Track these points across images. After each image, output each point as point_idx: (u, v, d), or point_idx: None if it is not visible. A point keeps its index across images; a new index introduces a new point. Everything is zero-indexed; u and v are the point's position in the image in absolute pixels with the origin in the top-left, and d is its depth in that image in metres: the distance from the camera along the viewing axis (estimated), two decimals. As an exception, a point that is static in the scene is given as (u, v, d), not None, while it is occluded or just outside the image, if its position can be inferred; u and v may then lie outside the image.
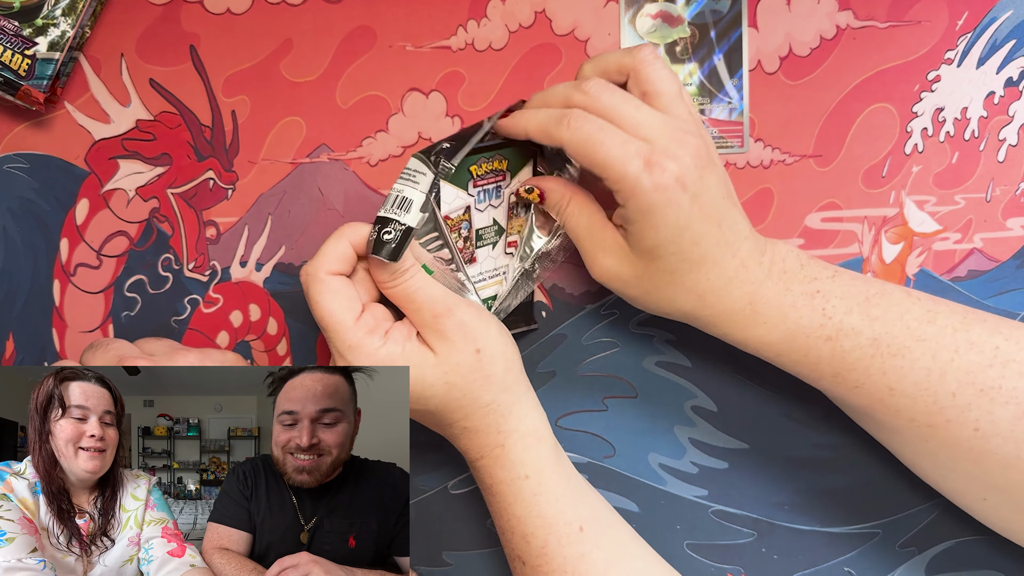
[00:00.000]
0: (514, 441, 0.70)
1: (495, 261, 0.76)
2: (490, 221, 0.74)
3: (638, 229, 0.66)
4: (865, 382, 0.67)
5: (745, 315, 0.69)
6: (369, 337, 0.66)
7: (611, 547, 0.70)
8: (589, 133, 0.66)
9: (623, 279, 0.70)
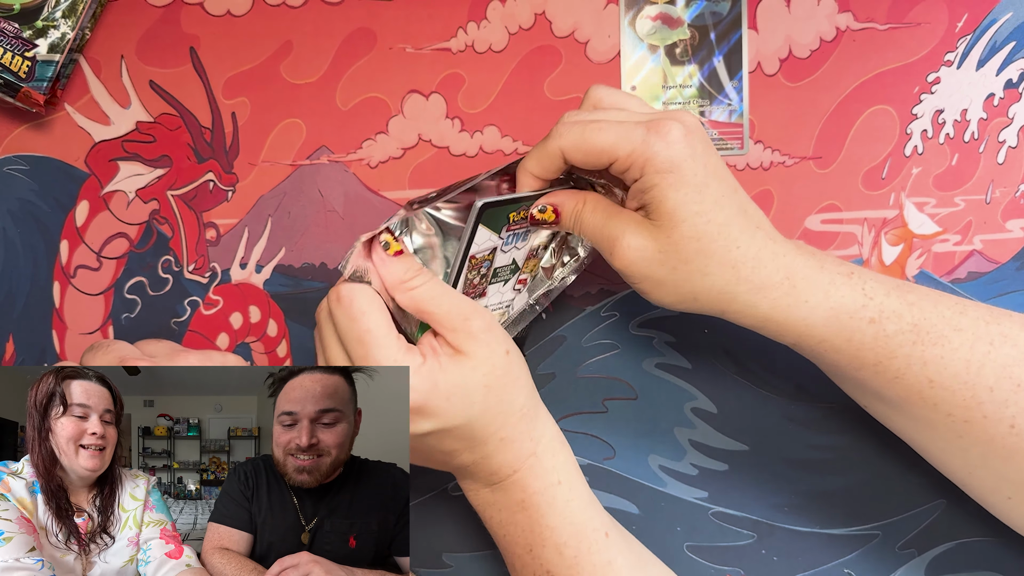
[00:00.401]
0: (544, 447, 0.68)
1: (501, 296, 0.75)
2: (509, 261, 0.73)
3: (658, 192, 0.64)
4: (906, 372, 0.65)
5: (784, 291, 0.66)
6: (409, 355, 0.64)
7: (630, 553, 0.69)
8: (582, 126, 0.66)
9: (649, 257, 0.66)
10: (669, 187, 0.64)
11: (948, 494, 0.80)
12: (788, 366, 0.81)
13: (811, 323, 0.66)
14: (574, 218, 0.70)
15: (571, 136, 0.66)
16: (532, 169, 0.69)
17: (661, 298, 0.68)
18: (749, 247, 0.66)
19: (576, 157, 0.66)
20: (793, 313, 0.66)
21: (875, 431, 0.79)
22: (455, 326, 0.65)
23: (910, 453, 0.74)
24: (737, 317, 0.68)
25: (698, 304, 0.67)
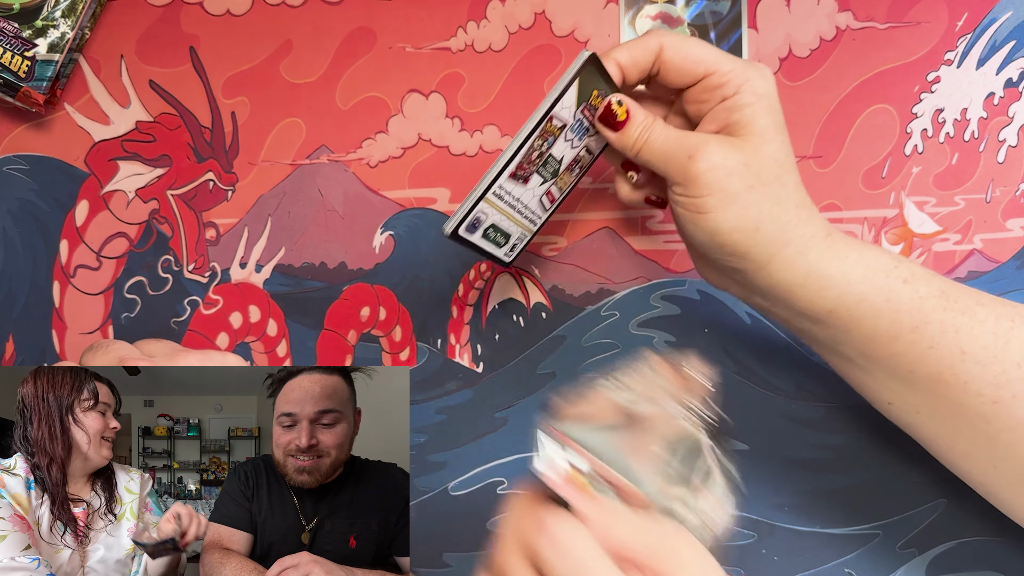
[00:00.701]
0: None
1: (533, 199, 0.71)
2: (560, 156, 0.70)
3: (752, 111, 0.65)
4: (940, 340, 0.64)
5: (827, 244, 0.65)
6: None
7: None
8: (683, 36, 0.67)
9: (731, 168, 0.63)
10: (763, 109, 0.65)
11: (949, 493, 0.80)
12: (788, 366, 0.81)
13: (852, 279, 0.65)
14: (643, 127, 0.67)
15: (674, 37, 0.66)
16: (621, 58, 0.67)
17: (724, 218, 0.64)
18: (805, 194, 0.66)
19: (674, 58, 0.66)
20: (835, 266, 0.65)
21: (876, 431, 0.79)
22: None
23: (911, 452, 0.74)
24: (783, 266, 0.65)
25: (756, 236, 0.65)
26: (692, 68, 0.66)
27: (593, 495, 0.55)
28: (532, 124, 0.64)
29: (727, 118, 0.65)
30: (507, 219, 0.69)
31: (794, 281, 0.65)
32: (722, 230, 0.64)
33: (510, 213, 0.69)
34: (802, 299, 0.65)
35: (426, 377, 0.81)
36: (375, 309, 0.81)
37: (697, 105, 0.67)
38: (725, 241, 0.65)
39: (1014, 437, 0.65)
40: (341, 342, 0.81)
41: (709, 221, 0.64)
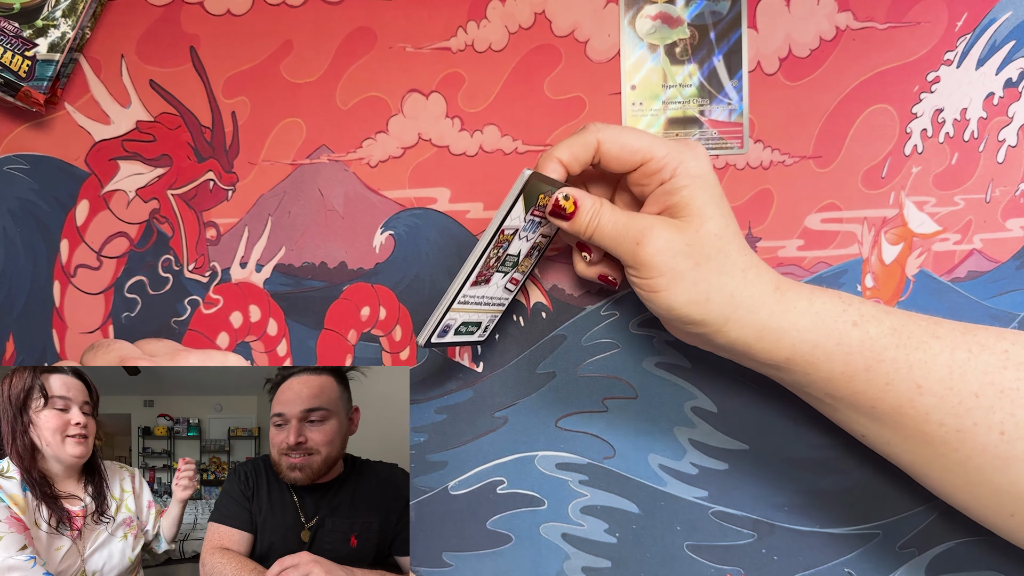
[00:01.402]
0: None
1: (497, 291, 0.76)
2: (516, 251, 0.74)
3: (689, 192, 0.69)
4: (895, 377, 0.67)
5: (776, 298, 0.70)
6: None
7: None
8: (619, 127, 0.71)
9: (676, 250, 0.69)
10: (699, 189, 0.69)
11: (948, 493, 0.80)
12: (788, 365, 0.81)
13: (801, 328, 0.69)
14: (591, 215, 0.71)
15: (610, 131, 0.71)
16: (561, 155, 0.71)
17: (676, 295, 0.69)
18: (751, 256, 0.70)
19: (611, 151, 0.71)
20: (786, 319, 0.69)
21: (875, 430, 0.79)
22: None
23: (910, 452, 0.74)
24: (738, 327, 0.70)
25: (708, 306, 0.69)
26: (629, 157, 0.71)
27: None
28: (484, 243, 0.71)
29: (667, 200, 0.70)
30: (475, 313, 0.75)
31: (750, 338, 0.70)
32: (675, 305, 0.69)
33: (477, 309, 0.74)
34: (760, 352, 0.70)
35: (426, 377, 0.81)
36: (375, 309, 0.81)
37: (639, 187, 0.72)
38: (680, 314, 0.70)
39: (982, 462, 0.67)
40: (341, 342, 0.81)
41: (663, 299, 0.69)
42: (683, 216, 0.69)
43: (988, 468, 0.66)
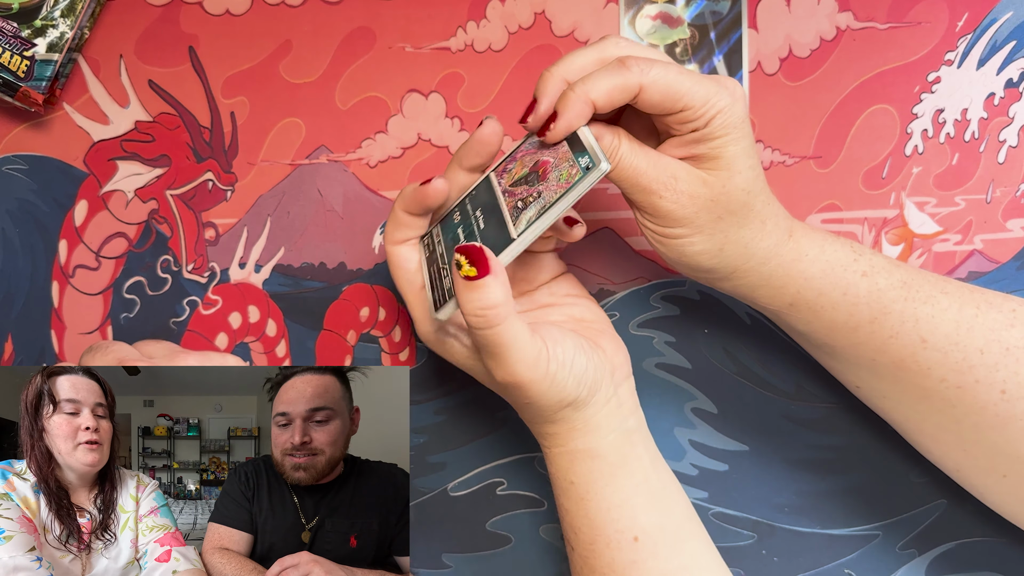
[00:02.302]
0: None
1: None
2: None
3: (722, 144, 0.64)
4: (900, 330, 0.67)
5: (789, 246, 0.68)
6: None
7: (672, 559, 0.68)
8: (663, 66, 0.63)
9: (700, 203, 0.65)
10: (733, 141, 0.64)
11: (949, 494, 0.79)
12: (788, 366, 0.81)
13: (809, 276, 0.67)
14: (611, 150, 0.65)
15: (655, 73, 0.63)
16: (597, 97, 0.64)
17: (690, 244, 0.66)
18: (774, 204, 0.68)
19: (652, 98, 0.63)
20: (795, 267, 0.67)
21: (876, 431, 0.79)
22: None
23: (911, 453, 0.74)
24: (744, 276, 0.68)
25: (720, 256, 0.67)
26: (669, 104, 0.64)
27: None
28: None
29: (696, 149, 0.65)
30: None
31: (756, 283, 0.68)
32: (687, 253, 0.67)
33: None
34: (762, 297, 0.69)
35: (426, 377, 0.81)
36: (375, 309, 0.81)
37: (665, 127, 0.66)
38: (689, 262, 0.67)
39: (980, 420, 0.66)
40: (340, 342, 0.81)
41: (675, 247, 0.67)
42: (711, 168, 0.65)
43: (985, 426, 0.66)
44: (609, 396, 0.68)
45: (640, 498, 0.68)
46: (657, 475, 0.70)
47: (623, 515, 0.68)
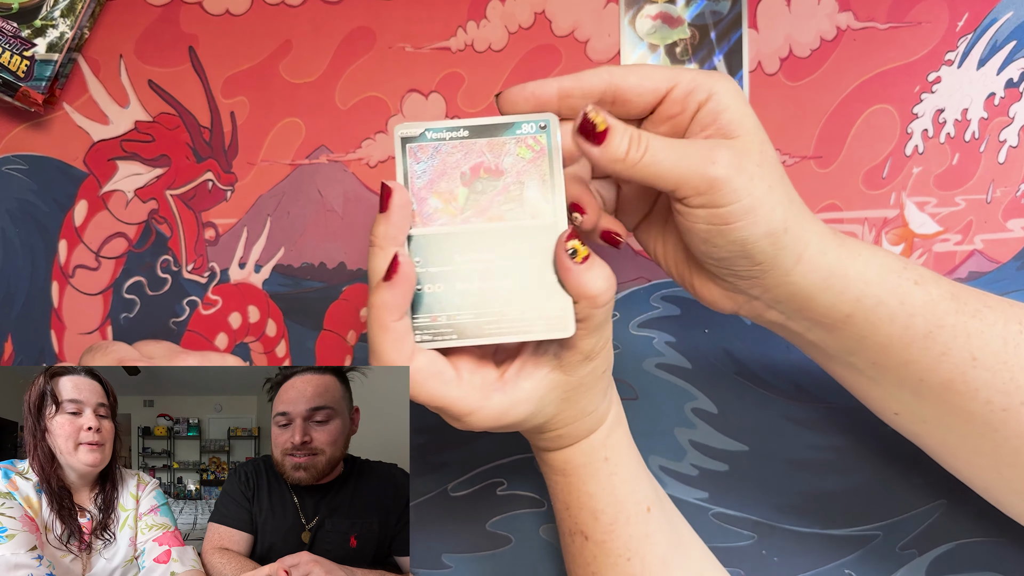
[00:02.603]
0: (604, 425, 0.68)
1: None
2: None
3: (737, 110, 0.60)
4: (952, 346, 0.62)
5: (838, 242, 0.62)
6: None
7: (671, 531, 0.69)
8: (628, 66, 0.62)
9: (749, 170, 0.58)
10: (745, 106, 0.60)
11: (949, 495, 0.79)
12: (788, 366, 0.81)
13: (868, 279, 0.62)
14: (630, 138, 0.59)
15: (620, 68, 0.61)
16: (564, 83, 0.61)
17: (755, 224, 0.59)
18: (801, 208, 0.62)
19: (627, 81, 0.60)
20: (851, 265, 0.62)
21: (876, 431, 0.79)
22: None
23: (911, 453, 0.74)
24: (807, 269, 0.61)
25: (786, 237, 0.60)
26: (650, 86, 0.60)
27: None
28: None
29: (715, 121, 0.60)
30: None
31: (817, 284, 0.61)
32: (752, 238, 0.59)
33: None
34: (822, 304, 0.62)
35: (426, 377, 0.81)
36: (375, 309, 0.81)
37: (671, 121, 0.62)
38: (754, 250, 0.59)
39: (1020, 444, 0.64)
40: (340, 342, 0.81)
41: (738, 231, 0.59)
42: (740, 135, 0.60)
43: None
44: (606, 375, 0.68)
45: (641, 469, 0.70)
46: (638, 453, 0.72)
47: (640, 486, 0.69)
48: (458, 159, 0.62)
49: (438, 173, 0.62)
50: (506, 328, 0.62)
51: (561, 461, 0.68)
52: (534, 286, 0.62)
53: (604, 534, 0.68)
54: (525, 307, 0.62)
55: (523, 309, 0.62)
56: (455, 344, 0.62)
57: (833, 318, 0.63)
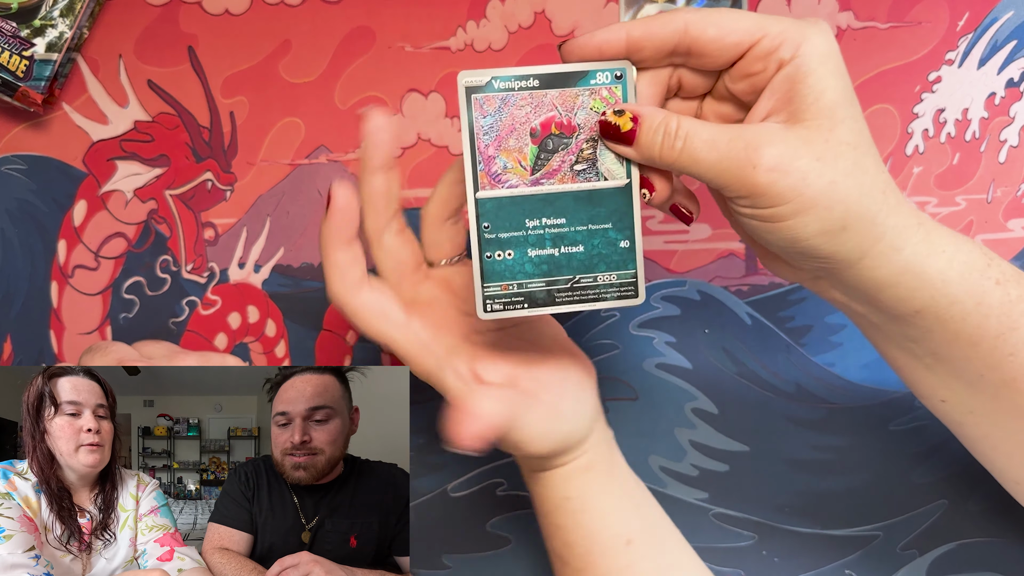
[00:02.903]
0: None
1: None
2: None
3: (818, 80, 0.54)
4: (1022, 348, 0.58)
5: (921, 236, 0.57)
6: None
7: (659, 558, 0.68)
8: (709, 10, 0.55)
9: (804, 168, 0.53)
10: (830, 74, 0.54)
11: (950, 495, 0.79)
12: (788, 366, 0.81)
13: (948, 278, 0.57)
14: (664, 131, 0.56)
15: (699, 12, 0.55)
16: (633, 31, 0.56)
17: (805, 224, 0.55)
18: (887, 173, 0.56)
19: (706, 33, 0.55)
20: (931, 263, 0.57)
21: (876, 431, 0.79)
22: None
23: (911, 453, 0.74)
24: (875, 264, 0.56)
25: (843, 236, 0.55)
26: (731, 39, 0.55)
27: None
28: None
29: (788, 90, 0.54)
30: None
31: (886, 280, 0.57)
32: (803, 236, 0.55)
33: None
34: (891, 298, 0.58)
35: (426, 378, 0.81)
36: (374, 309, 0.81)
37: (748, 81, 0.56)
38: (806, 247, 0.56)
39: None
40: (340, 343, 0.81)
41: (786, 231, 0.55)
42: (808, 118, 0.54)
43: None
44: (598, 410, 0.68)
45: (627, 501, 0.68)
46: (633, 478, 0.70)
47: (616, 521, 0.67)
48: (527, 113, 0.58)
49: (507, 129, 0.58)
50: (578, 296, 0.60)
51: (526, 477, 0.68)
52: (606, 252, 0.59)
53: (580, 562, 0.67)
54: (597, 274, 0.60)
55: (595, 276, 0.60)
56: (526, 313, 0.59)
57: (900, 311, 0.59)
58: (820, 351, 0.80)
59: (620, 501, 0.68)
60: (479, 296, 0.59)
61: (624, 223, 0.59)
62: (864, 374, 0.80)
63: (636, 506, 0.69)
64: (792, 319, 0.80)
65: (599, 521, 0.67)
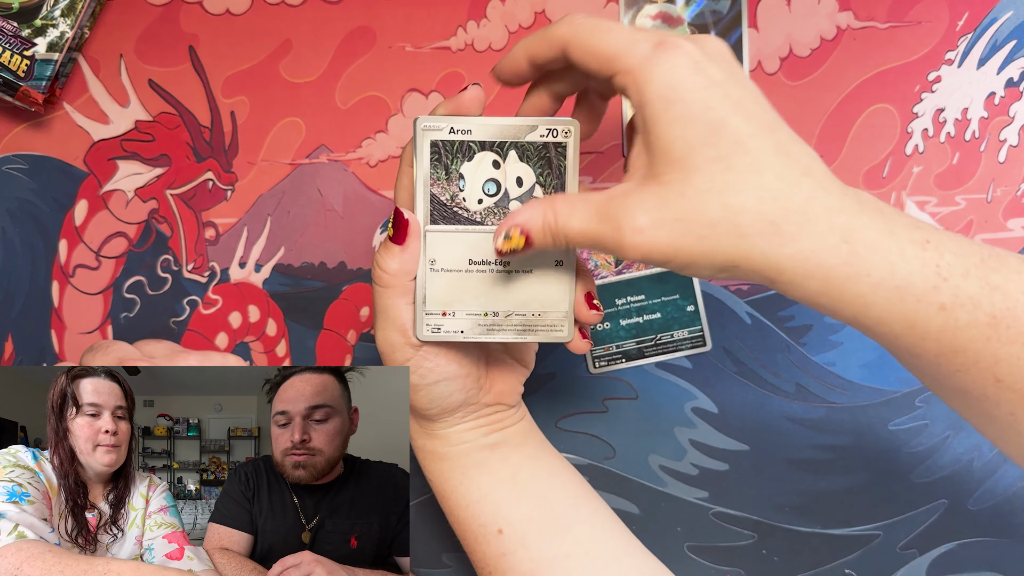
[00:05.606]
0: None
1: None
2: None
3: (660, 129, 0.52)
4: (971, 368, 0.54)
5: (842, 258, 0.52)
6: None
7: (545, 547, 0.68)
8: (593, 23, 0.55)
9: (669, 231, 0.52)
10: (672, 122, 0.52)
11: (949, 494, 0.79)
12: (788, 366, 0.81)
13: (870, 302, 0.53)
14: (551, 229, 0.57)
15: (580, 29, 0.55)
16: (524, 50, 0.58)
17: (700, 270, 0.54)
18: (792, 199, 0.52)
19: (577, 54, 0.55)
20: (850, 288, 0.53)
21: (876, 431, 0.79)
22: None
23: (911, 453, 0.74)
24: (787, 289, 0.54)
25: (742, 272, 0.54)
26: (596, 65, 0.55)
27: None
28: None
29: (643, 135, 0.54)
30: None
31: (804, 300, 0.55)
32: (704, 277, 0.56)
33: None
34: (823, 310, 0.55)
35: (426, 377, 0.81)
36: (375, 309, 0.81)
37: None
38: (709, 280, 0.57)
39: None
40: (340, 342, 0.81)
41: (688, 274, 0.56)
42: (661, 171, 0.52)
43: None
44: (465, 418, 0.69)
45: (503, 492, 0.69)
46: (530, 470, 0.70)
47: (483, 510, 0.69)
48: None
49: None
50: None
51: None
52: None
53: (463, 545, 0.72)
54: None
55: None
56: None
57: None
58: (820, 351, 0.80)
59: (491, 492, 0.69)
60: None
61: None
62: (864, 374, 0.80)
63: (520, 496, 0.69)
64: (792, 318, 0.80)
65: (463, 510, 0.70)
